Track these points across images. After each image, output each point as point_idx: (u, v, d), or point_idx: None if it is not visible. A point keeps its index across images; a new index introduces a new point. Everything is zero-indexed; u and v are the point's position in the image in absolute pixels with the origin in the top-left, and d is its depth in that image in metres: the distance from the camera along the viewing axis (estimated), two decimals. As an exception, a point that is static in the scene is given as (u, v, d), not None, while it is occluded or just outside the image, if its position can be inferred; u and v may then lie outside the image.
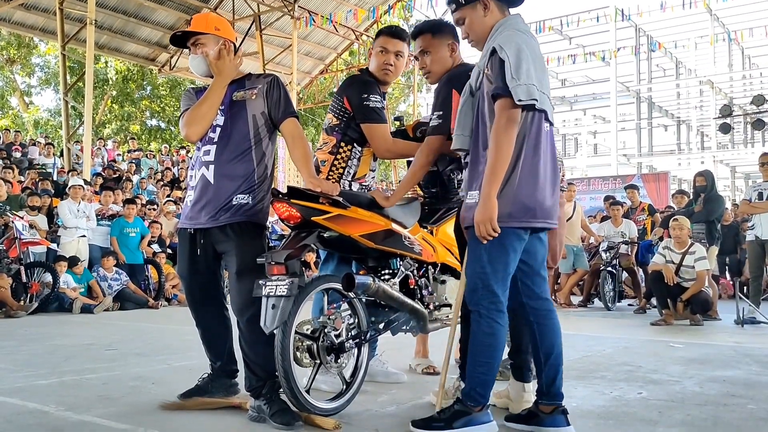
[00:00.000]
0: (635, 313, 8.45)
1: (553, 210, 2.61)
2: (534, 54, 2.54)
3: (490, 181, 2.47)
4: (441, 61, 3.14)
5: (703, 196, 8.20)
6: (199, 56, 3.08)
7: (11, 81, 28.35)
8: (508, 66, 2.46)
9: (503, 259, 2.54)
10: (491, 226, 2.45)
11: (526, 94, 2.45)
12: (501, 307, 2.55)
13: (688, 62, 31.42)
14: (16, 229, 8.49)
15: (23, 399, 3.18)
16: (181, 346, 5.19)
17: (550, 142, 2.64)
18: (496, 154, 2.46)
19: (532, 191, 2.52)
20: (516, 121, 2.48)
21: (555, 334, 2.65)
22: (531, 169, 2.53)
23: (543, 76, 2.57)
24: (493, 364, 2.56)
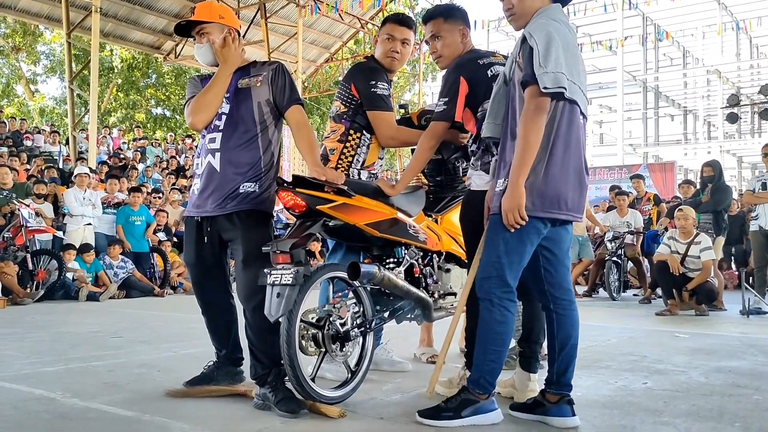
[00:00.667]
0: (640, 303, 8.44)
1: (579, 204, 2.58)
2: (566, 43, 2.49)
3: (517, 170, 2.44)
4: (452, 47, 3.10)
5: (710, 187, 8.16)
6: (204, 45, 3.07)
7: (17, 69, 28.35)
8: (537, 53, 2.43)
9: (519, 250, 2.52)
10: (519, 214, 2.43)
11: (553, 82, 2.41)
12: (512, 296, 2.55)
13: (696, 51, 31.25)
14: (23, 217, 8.53)
15: (30, 386, 3.19)
16: (186, 334, 5.21)
17: (582, 134, 2.59)
18: (523, 142, 2.44)
19: (558, 183, 2.49)
20: (544, 110, 2.45)
21: (573, 325, 2.64)
22: (560, 160, 2.49)
23: (575, 67, 2.52)
24: (503, 353, 2.57)
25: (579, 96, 2.53)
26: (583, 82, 2.58)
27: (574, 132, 2.53)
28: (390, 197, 3.09)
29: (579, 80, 2.54)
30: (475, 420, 2.53)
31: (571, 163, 2.52)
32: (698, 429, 2.53)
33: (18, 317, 6.40)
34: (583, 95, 2.58)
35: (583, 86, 2.57)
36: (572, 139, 2.52)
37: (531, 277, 2.69)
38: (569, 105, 2.51)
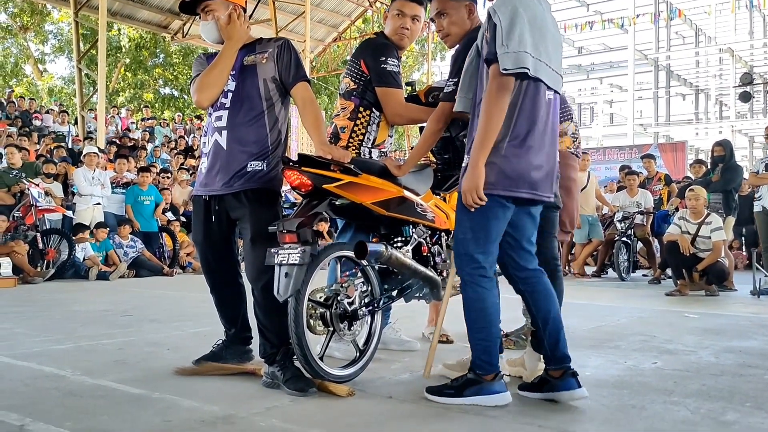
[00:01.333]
0: (650, 284, 8.42)
1: (544, 182, 2.55)
2: (533, 18, 2.45)
3: (478, 149, 2.43)
4: (459, 24, 3.00)
5: (721, 166, 8.09)
6: (210, 22, 3.03)
7: (25, 48, 28.36)
8: (500, 31, 2.40)
9: (485, 227, 2.51)
10: (477, 195, 2.43)
11: (513, 63, 2.37)
12: (483, 272, 2.53)
13: (708, 30, 30.87)
14: (32, 196, 8.56)
15: (40, 363, 3.21)
16: (195, 312, 5.23)
17: (550, 111, 2.57)
18: (485, 121, 2.42)
19: (519, 161, 2.47)
20: (507, 89, 2.42)
21: (548, 298, 2.62)
22: (522, 138, 2.47)
23: (542, 43, 2.48)
24: (490, 330, 2.55)
25: (545, 73, 2.50)
26: (553, 57, 2.54)
27: (539, 110, 2.50)
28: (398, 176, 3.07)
29: (547, 56, 2.50)
30: (477, 400, 2.52)
31: (536, 142, 2.49)
32: (708, 409, 2.52)
33: (28, 296, 6.45)
34: (552, 71, 2.54)
35: (552, 62, 2.53)
36: (537, 117, 2.49)
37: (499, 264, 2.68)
38: (533, 83, 2.48)
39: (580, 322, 4.70)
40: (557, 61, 2.59)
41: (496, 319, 2.59)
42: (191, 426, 2.26)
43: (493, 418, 2.39)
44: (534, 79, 2.47)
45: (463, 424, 2.33)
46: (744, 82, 21.01)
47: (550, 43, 2.54)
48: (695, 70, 32.46)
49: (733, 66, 28.65)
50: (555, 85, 2.57)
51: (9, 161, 9.29)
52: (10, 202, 8.89)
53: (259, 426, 2.28)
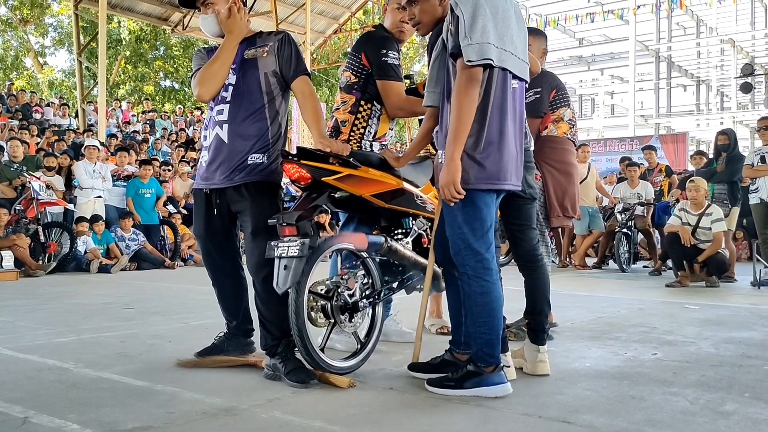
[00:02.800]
0: (650, 275, 8.42)
1: (518, 172, 2.59)
2: (495, 8, 2.45)
3: (452, 144, 2.43)
4: (430, 11, 2.92)
5: (724, 155, 8.07)
6: (210, 16, 3.03)
7: (25, 41, 28.31)
8: (462, 24, 2.40)
9: (478, 217, 2.51)
10: (455, 189, 2.43)
11: (478, 54, 2.38)
12: (487, 264, 2.54)
13: (710, 20, 30.75)
14: (33, 190, 8.57)
15: (43, 356, 3.23)
16: (197, 305, 5.25)
17: (517, 100, 2.59)
18: (457, 114, 2.42)
19: (500, 153, 2.48)
20: (476, 81, 2.42)
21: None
22: (498, 129, 2.48)
23: (506, 32, 2.48)
24: (494, 323, 2.55)
25: (511, 62, 2.50)
26: (518, 46, 2.55)
27: (508, 99, 2.52)
28: (396, 168, 3.07)
29: (512, 45, 2.51)
30: (477, 391, 2.53)
31: (509, 132, 2.51)
32: (707, 399, 2.54)
33: (31, 289, 6.46)
34: (519, 60, 2.55)
35: (517, 50, 2.54)
36: (507, 106, 2.51)
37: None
38: (501, 72, 2.49)
39: (581, 313, 4.71)
40: (523, 50, 2.60)
41: (500, 312, 2.59)
42: (193, 418, 2.28)
43: (492, 409, 2.40)
44: (501, 69, 2.48)
45: (463, 414, 2.35)
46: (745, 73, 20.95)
47: (515, 31, 2.54)
48: (696, 60, 32.35)
49: (734, 57, 28.55)
50: (522, 73, 2.58)
51: (12, 154, 9.29)
52: (12, 196, 8.90)
53: (260, 418, 2.29)
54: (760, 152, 7.52)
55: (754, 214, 7.57)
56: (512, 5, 2.59)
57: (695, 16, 30.74)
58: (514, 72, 2.54)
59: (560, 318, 4.18)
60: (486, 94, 2.46)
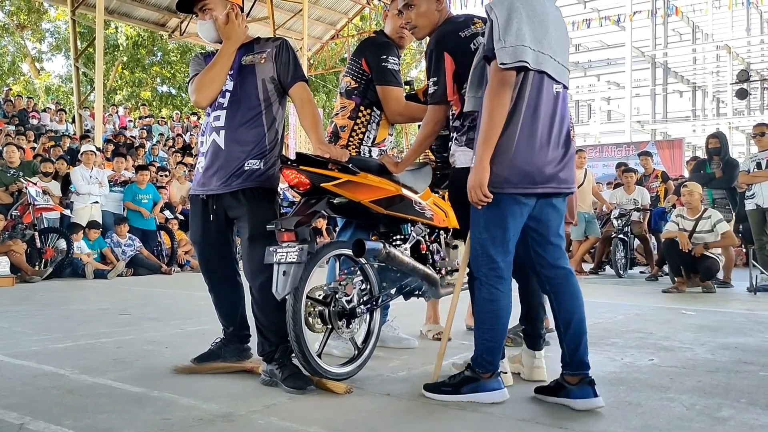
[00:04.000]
0: (647, 281, 8.43)
1: (560, 175, 2.52)
2: (532, 12, 2.43)
3: (482, 146, 2.42)
4: (427, 15, 2.94)
5: (717, 159, 8.10)
6: (207, 21, 3.03)
7: (22, 47, 28.28)
8: (496, 27, 2.39)
9: (501, 225, 2.49)
10: (482, 192, 2.41)
11: (511, 57, 2.36)
12: (500, 273, 2.52)
13: (705, 27, 30.87)
14: (30, 195, 8.56)
15: (39, 362, 3.22)
16: (193, 311, 5.24)
17: (559, 104, 2.53)
18: (487, 117, 2.41)
19: (530, 156, 2.44)
20: (508, 84, 2.40)
21: (574, 301, 2.57)
22: (530, 133, 2.44)
23: (544, 36, 2.45)
24: (498, 331, 2.54)
25: (550, 65, 2.47)
26: (557, 50, 2.51)
27: (545, 103, 2.48)
28: (395, 174, 3.08)
29: (550, 49, 2.47)
30: (474, 397, 2.53)
31: (545, 135, 2.47)
32: (704, 405, 2.54)
33: (27, 295, 6.45)
34: (558, 64, 2.51)
35: (557, 54, 2.50)
36: (543, 110, 2.47)
37: (524, 259, 2.67)
38: (538, 75, 2.46)
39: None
40: (563, 54, 2.55)
41: (506, 322, 2.57)
42: (190, 424, 2.28)
43: (489, 415, 2.40)
44: (538, 72, 2.45)
45: (460, 421, 2.35)
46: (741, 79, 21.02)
47: (554, 35, 2.50)
48: (692, 67, 32.46)
49: (730, 63, 28.65)
50: (561, 77, 2.53)
51: (8, 160, 9.28)
52: (8, 201, 8.89)
53: (257, 424, 2.29)
54: (757, 158, 7.55)
55: (750, 220, 7.60)
56: (552, 8, 2.54)
57: (691, 23, 30.87)
58: (553, 75, 2.49)
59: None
60: (519, 97, 2.43)
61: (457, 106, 2.87)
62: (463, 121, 2.84)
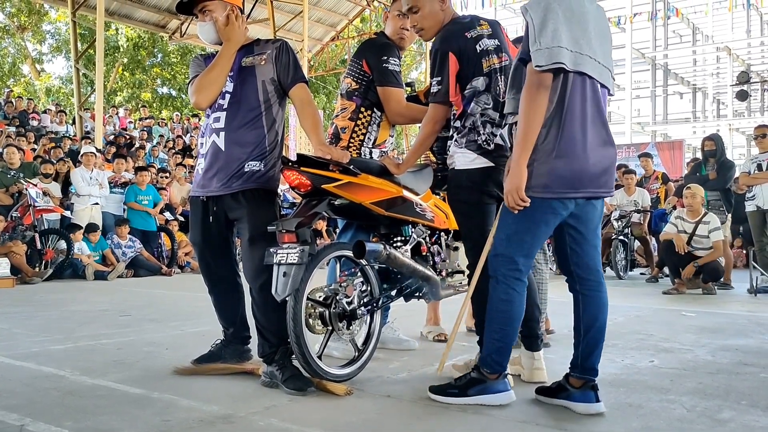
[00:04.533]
0: (647, 282, 8.43)
1: (602, 177, 2.46)
2: (569, 13, 2.37)
3: (518, 149, 2.37)
4: (432, 16, 2.93)
5: (713, 161, 8.10)
6: (207, 23, 3.03)
7: (23, 48, 28.31)
8: (532, 29, 2.35)
9: (532, 230, 2.45)
10: (519, 196, 2.37)
11: (547, 59, 2.31)
12: (520, 275, 2.49)
13: (706, 28, 30.91)
14: (30, 197, 8.56)
15: (39, 363, 3.22)
16: (194, 312, 5.24)
17: (600, 106, 2.47)
18: (524, 120, 2.36)
19: (570, 161, 2.39)
20: (545, 86, 2.35)
21: (600, 308, 2.55)
22: (570, 136, 2.38)
23: (583, 36, 2.39)
24: (509, 332, 2.51)
25: (589, 66, 2.41)
26: (597, 50, 2.44)
27: (588, 105, 2.42)
28: (396, 175, 3.08)
29: (590, 49, 2.41)
30: (481, 399, 2.52)
31: (586, 138, 2.41)
32: (704, 407, 2.54)
33: (27, 296, 6.45)
34: (599, 64, 2.44)
35: (597, 54, 2.43)
36: (585, 112, 2.41)
37: (557, 256, 2.65)
38: (579, 77, 2.40)
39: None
40: (605, 55, 2.49)
41: (518, 324, 2.55)
42: (190, 425, 2.27)
43: (491, 417, 2.40)
44: (578, 74, 2.40)
45: (461, 422, 2.35)
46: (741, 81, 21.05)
47: (594, 35, 2.44)
48: (693, 68, 32.49)
49: (730, 64, 28.68)
50: (603, 78, 2.47)
51: (8, 161, 9.28)
52: (8, 203, 8.89)
53: (257, 425, 2.29)
54: (757, 160, 7.55)
55: (751, 222, 7.60)
56: (592, 6, 2.49)
57: (691, 24, 30.92)
58: (594, 76, 2.43)
59: (557, 325, 4.18)
60: (561, 99, 2.38)
61: (459, 107, 2.87)
62: (463, 122, 2.84)
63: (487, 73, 2.83)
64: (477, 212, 2.84)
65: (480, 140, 2.80)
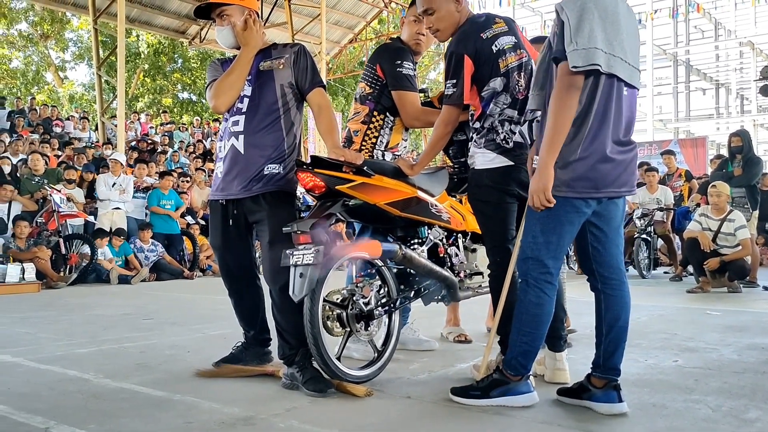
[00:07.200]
0: (671, 281, 8.33)
1: (621, 178, 2.44)
2: (604, 12, 2.35)
3: (546, 150, 2.35)
4: (447, 18, 2.91)
5: (739, 157, 7.98)
6: (225, 28, 3.06)
7: (46, 56, 28.73)
8: (568, 29, 2.31)
9: (557, 231, 2.43)
10: (545, 197, 2.35)
11: (583, 60, 2.28)
12: (550, 278, 2.47)
13: (728, 23, 30.51)
14: (54, 202, 8.68)
15: (64, 367, 3.26)
16: (215, 315, 5.27)
17: (626, 107, 2.45)
18: (553, 121, 2.33)
19: (595, 161, 2.37)
20: (576, 87, 2.32)
21: (623, 307, 2.52)
22: (596, 138, 2.36)
23: (616, 37, 2.36)
24: (537, 335, 2.49)
25: (620, 68, 2.38)
26: (628, 51, 2.41)
27: (614, 106, 2.39)
28: (410, 177, 3.07)
29: (622, 51, 2.38)
30: (503, 401, 2.50)
31: (611, 140, 2.39)
32: (730, 406, 2.50)
33: (52, 300, 6.54)
34: (629, 66, 2.42)
35: (628, 56, 2.41)
36: (611, 114, 2.39)
37: (579, 254, 2.63)
38: (608, 79, 2.37)
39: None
40: (634, 55, 2.47)
41: (546, 328, 2.52)
42: (211, 427, 2.29)
43: (512, 418, 2.38)
44: (609, 76, 2.37)
45: (482, 423, 2.33)
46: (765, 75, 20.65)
47: (626, 36, 2.42)
48: (715, 64, 32.09)
49: (753, 59, 28.27)
50: (632, 80, 2.44)
51: (33, 168, 9.43)
52: (33, 209, 9.02)
53: (278, 427, 2.29)
54: None
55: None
56: (623, 7, 2.46)
57: (713, 19, 30.53)
58: (624, 78, 2.41)
59: (579, 325, 4.15)
60: (590, 100, 2.36)
61: (478, 108, 2.86)
62: (483, 123, 2.83)
63: (504, 73, 2.82)
64: (498, 211, 2.83)
65: (498, 139, 2.79)
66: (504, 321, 2.72)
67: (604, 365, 2.51)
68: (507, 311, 2.68)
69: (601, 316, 2.54)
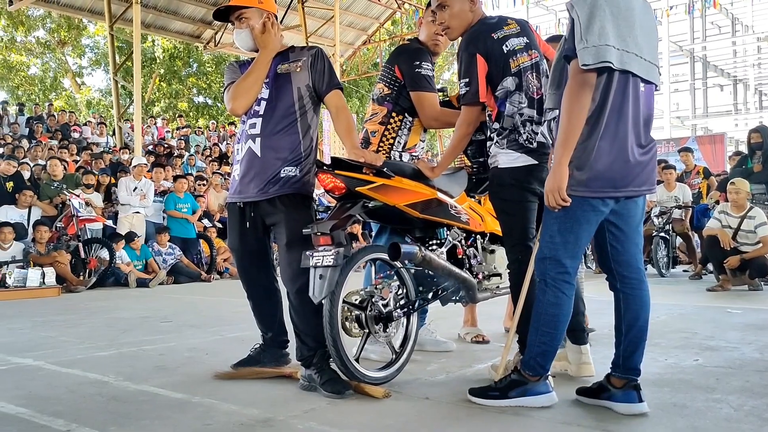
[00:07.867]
0: (690, 279, 8.24)
1: (640, 177, 2.42)
2: (616, 9, 2.32)
3: (560, 149, 2.34)
4: (460, 16, 2.91)
5: (759, 154, 7.88)
6: (244, 30, 3.07)
7: (63, 63, 29.02)
8: (578, 26, 2.30)
9: (575, 230, 2.41)
10: (560, 196, 2.34)
11: (593, 58, 2.26)
12: (568, 278, 2.45)
13: (745, 18, 30.20)
14: (73, 207, 8.76)
15: (84, 370, 3.29)
16: (233, 317, 5.30)
17: (643, 104, 2.43)
18: (566, 120, 2.32)
19: (612, 160, 2.35)
20: (589, 85, 2.30)
21: (642, 306, 2.51)
22: (613, 136, 2.34)
23: (629, 33, 2.34)
24: (556, 335, 2.47)
25: (635, 64, 2.35)
26: (644, 47, 2.38)
27: (629, 103, 2.37)
28: (431, 178, 3.07)
29: (637, 47, 2.35)
30: (522, 401, 2.49)
31: (628, 138, 2.37)
32: (752, 405, 2.47)
33: (72, 304, 6.60)
34: (645, 61, 2.39)
35: (643, 52, 2.38)
36: (626, 111, 2.36)
37: (598, 253, 2.61)
38: (622, 75, 2.35)
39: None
40: (650, 51, 2.43)
41: (565, 328, 2.51)
42: (231, 429, 2.30)
43: (531, 418, 2.37)
44: (622, 72, 2.35)
45: (501, 424, 2.32)
46: (784, 71, 20.47)
47: (640, 31, 2.39)
48: (733, 60, 31.76)
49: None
50: (649, 76, 2.41)
51: (52, 173, 9.54)
52: (53, 213, 9.12)
53: (297, 428, 2.30)
54: None
55: None
56: (638, 1, 2.43)
57: (730, 15, 30.23)
58: (640, 74, 2.39)
59: (597, 324, 4.12)
60: (604, 98, 2.34)
61: (494, 109, 2.86)
62: (502, 124, 2.82)
63: (516, 73, 2.81)
64: (519, 210, 2.82)
65: (521, 139, 2.79)
66: (523, 320, 2.71)
67: (623, 365, 2.49)
68: (526, 311, 2.67)
69: (621, 315, 2.53)
